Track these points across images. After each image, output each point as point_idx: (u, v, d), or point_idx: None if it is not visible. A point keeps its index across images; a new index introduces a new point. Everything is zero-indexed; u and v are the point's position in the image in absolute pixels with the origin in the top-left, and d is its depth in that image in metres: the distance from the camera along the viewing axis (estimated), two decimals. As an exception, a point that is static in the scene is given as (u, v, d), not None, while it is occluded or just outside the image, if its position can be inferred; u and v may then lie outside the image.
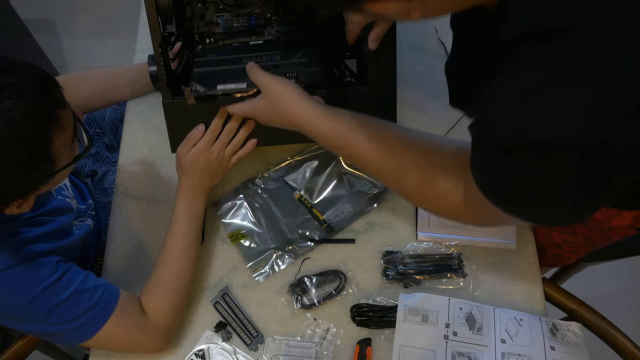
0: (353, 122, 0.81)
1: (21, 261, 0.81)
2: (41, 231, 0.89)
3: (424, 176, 0.77)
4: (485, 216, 0.72)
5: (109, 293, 0.88)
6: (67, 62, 2.36)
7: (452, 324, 0.94)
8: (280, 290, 1.01)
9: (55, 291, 0.83)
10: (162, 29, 0.92)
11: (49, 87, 0.76)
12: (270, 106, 0.86)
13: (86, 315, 0.85)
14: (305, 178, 1.11)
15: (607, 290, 1.87)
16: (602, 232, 0.95)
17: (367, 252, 1.04)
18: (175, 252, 0.95)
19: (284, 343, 0.95)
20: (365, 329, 0.97)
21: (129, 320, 0.89)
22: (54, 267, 0.84)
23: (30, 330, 0.86)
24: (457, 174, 0.74)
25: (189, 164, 0.95)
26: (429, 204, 0.80)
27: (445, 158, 0.77)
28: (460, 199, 0.73)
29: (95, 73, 1.21)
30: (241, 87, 0.90)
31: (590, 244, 1.02)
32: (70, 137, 0.81)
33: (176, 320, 0.95)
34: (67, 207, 1.00)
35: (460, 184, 0.73)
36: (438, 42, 1.28)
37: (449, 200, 0.75)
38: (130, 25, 1.42)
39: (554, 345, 0.92)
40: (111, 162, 1.30)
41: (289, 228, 1.06)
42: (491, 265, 1.02)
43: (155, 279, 0.94)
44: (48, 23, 2.46)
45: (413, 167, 0.78)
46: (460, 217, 0.77)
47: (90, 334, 0.86)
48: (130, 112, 1.21)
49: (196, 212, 0.98)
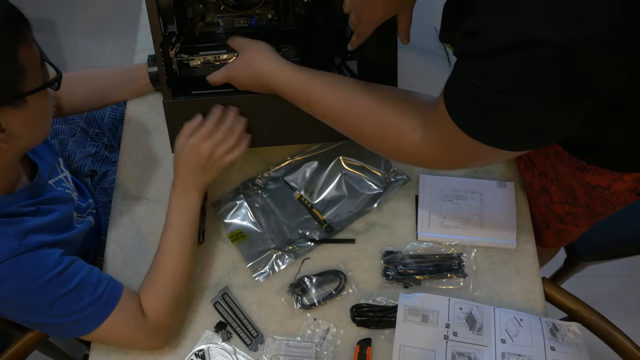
0: (315, 73, 0.88)
1: (26, 249, 0.81)
2: (44, 221, 0.88)
3: (380, 120, 0.82)
4: (444, 152, 0.75)
5: (112, 288, 0.89)
6: (67, 62, 2.36)
7: (452, 324, 0.94)
8: (280, 290, 1.01)
9: (60, 282, 0.83)
10: (163, 29, 0.92)
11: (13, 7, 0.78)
12: (242, 62, 0.92)
13: (89, 308, 0.85)
14: (305, 178, 1.11)
15: (607, 290, 1.87)
16: (604, 200, 0.95)
17: (367, 252, 1.04)
18: (170, 250, 0.94)
19: (284, 343, 0.95)
20: (365, 329, 0.97)
21: (129, 318, 0.89)
22: (59, 258, 0.84)
23: (32, 321, 0.86)
24: (414, 115, 0.77)
25: (184, 157, 0.94)
26: (385, 144, 0.84)
27: (403, 102, 0.81)
28: (418, 137, 0.77)
29: (95, 72, 1.21)
30: (221, 52, 0.96)
31: (592, 213, 1.01)
32: (37, 60, 0.80)
33: (175, 319, 0.95)
34: (68, 197, 1.00)
35: (418, 124, 0.77)
36: (438, 42, 1.28)
37: (406, 138, 0.78)
38: (130, 25, 1.42)
39: (554, 345, 0.92)
40: (111, 162, 1.30)
41: (289, 228, 1.06)
42: (491, 265, 1.02)
43: (152, 278, 0.94)
44: (48, 23, 2.46)
45: (371, 112, 0.82)
46: (415, 154, 0.80)
47: (91, 327, 0.86)
48: (130, 112, 1.21)
49: (189, 210, 0.96)
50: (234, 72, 0.93)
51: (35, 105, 0.80)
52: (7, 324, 1.10)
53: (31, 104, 0.79)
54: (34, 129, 0.84)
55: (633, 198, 0.94)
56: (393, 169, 1.11)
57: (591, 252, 1.27)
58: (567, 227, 1.10)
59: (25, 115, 0.79)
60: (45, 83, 0.82)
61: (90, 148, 1.29)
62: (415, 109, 0.79)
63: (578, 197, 0.98)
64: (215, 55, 0.95)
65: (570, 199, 1.00)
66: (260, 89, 0.92)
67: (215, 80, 0.94)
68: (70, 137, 1.29)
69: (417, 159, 0.83)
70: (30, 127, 0.82)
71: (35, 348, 1.04)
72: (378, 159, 1.12)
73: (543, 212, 1.08)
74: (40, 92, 0.81)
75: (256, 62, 0.90)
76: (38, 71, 0.81)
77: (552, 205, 1.05)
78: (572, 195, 0.99)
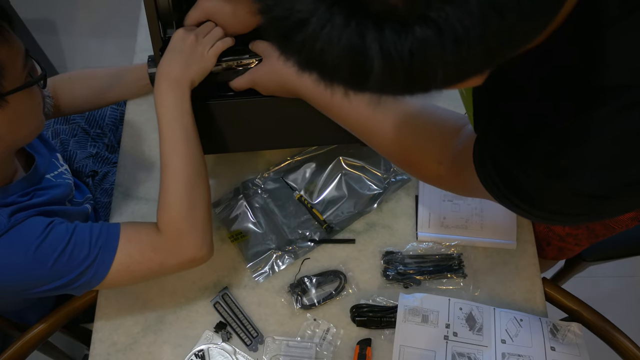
0: None
1: (14, 224, 0.80)
2: (35, 201, 0.88)
3: (407, 146, 0.80)
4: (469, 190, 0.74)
5: (107, 228, 0.86)
6: (67, 62, 2.36)
7: (452, 324, 0.94)
8: (280, 290, 1.01)
9: (52, 243, 0.81)
10: (163, 34, 0.92)
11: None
12: (268, 67, 0.89)
13: (92, 253, 0.83)
14: (305, 178, 1.11)
15: (607, 290, 1.87)
16: (605, 225, 0.95)
17: (367, 252, 1.04)
18: (168, 157, 0.87)
19: (284, 343, 0.95)
20: (365, 329, 0.97)
21: (141, 246, 0.86)
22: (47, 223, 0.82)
23: (45, 289, 0.83)
24: (442, 147, 0.76)
25: (168, 46, 0.87)
26: (411, 168, 0.84)
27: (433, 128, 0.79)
28: (444, 170, 0.76)
29: (96, 72, 1.21)
30: (244, 57, 0.92)
31: (593, 235, 1.02)
32: (19, 57, 0.77)
33: (197, 225, 0.87)
34: (65, 184, 0.99)
35: (444, 157, 0.75)
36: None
37: (432, 168, 0.77)
38: (130, 25, 1.42)
39: (554, 345, 0.92)
40: (112, 162, 1.30)
41: (289, 228, 1.06)
42: (491, 266, 1.02)
43: (161, 194, 0.88)
44: (48, 23, 2.46)
45: (398, 136, 0.80)
46: (440, 184, 0.81)
47: (104, 269, 0.84)
48: (130, 112, 1.21)
49: (177, 107, 0.86)
50: (259, 77, 0.91)
51: (18, 104, 0.77)
52: (7, 324, 1.10)
53: (13, 104, 0.76)
54: (19, 129, 0.81)
55: (634, 224, 0.94)
56: (393, 169, 1.11)
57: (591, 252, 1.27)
58: (568, 246, 1.10)
59: (6, 115, 0.76)
60: (26, 82, 0.78)
61: (92, 148, 1.29)
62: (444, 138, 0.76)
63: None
64: (238, 60, 0.93)
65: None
66: (286, 94, 0.91)
67: (239, 85, 0.92)
68: (71, 137, 1.29)
69: (441, 187, 0.82)
70: (13, 127, 0.79)
71: (35, 348, 1.04)
72: (378, 159, 1.12)
73: (544, 231, 1.08)
74: (24, 91, 0.77)
75: (283, 69, 0.86)
76: (20, 69, 0.77)
77: (553, 227, 1.05)
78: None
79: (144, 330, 0.98)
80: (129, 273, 0.86)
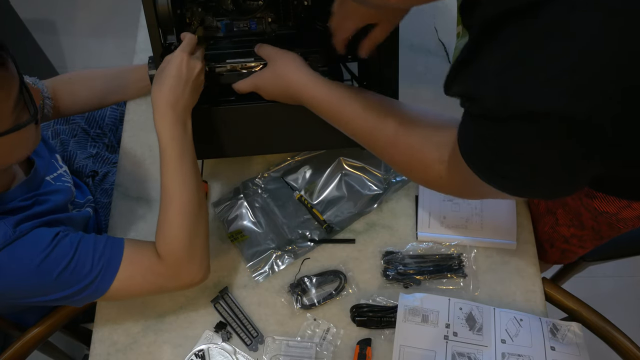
0: (346, 91, 0.86)
1: (19, 235, 0.81)
2: (38, 209, 0.88)
3: (409, 149, 0.81)
4: (466, 186, 0.75)
5: (111, 244, 0.87)
6: (67, 62, 2.36)
7: (452, 324, 0.94)
8: (280, 290, 1.01)
9: (57, 256, 0.82)
10: (163, 40, 0.92)
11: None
12: (272, 73, 0.90)
13: (95, 268, 0.84)
14: (305, 178, 1.11)
15: (607, 290, 1.87)
16: (611, 225, 0.95)
17: (367, 252, 1.04)
18: (170, 185, 0.87)
19: (284, 343, 0.95)
20: (365, 329, 0.97)
21: (142, 269, 0.87)
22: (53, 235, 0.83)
23: (47, 299, 0.84)
24: (441, 145, 0.76)
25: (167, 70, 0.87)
26: (414, 174, 0.84)
27: (430, 130, 0.80)
28: (444, 170, 0.76)
29: (96, 73, 1.21)
30: (249, 60, 0.93)
31: (598, 237, 1.01)
32: (10, 100, 0.75)
33: (196, 252, 0.89)
34: (66, 189, 1.00)
35: (443, 156, 0.76)
36: (438, 42, 1.28)
37: (433, 170, 0.78)
38: (130, 25, 1.42)
39: (554, 345, 0.92)
40: (112, 163, 1.30)
41: (289, 228, 1.06)
42: (491, 265, 1.02)
43: (161, 220, 0.88)
44: (48, 23, 2.46)
45: (400, 141, 0.81)
46: (442, 187, 0.80)
47: (104, 287, 0.85)
48: (130, 112, 1.21)
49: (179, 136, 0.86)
50: (262, 82, 0.91)
51: (6, 142, 0.76)
52: (7, 324, 1.10)
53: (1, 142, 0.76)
54: (10, 156, 0.82)
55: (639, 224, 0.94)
56: (393, 169, 1.11)
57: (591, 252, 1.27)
58: (572, 248, 1.10)
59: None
60: (15, 126, 0.76)
61: (92, 149, 1.29)
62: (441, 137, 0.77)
63: (584, 221, 0.98)
64: (243, 63, 0.94)
65: (577, 222, 1.00)
66: (289, 100, 0.91)
67: (241, 88, 0.93)
68: (71, 137, 1.29)
69: (443, 191, 0.82)
70: (3, 157, 0.80)
71: (35, 348, 1.04)
72: (378, 160, 1.11)
73: (548, 232, 1.07)
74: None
75: (287, 75, 0.88)
76: (8, 111, 0.75)
77: (557, 227, 1.05)
78: (579, 219, 0.98)
79: (144, 330, 0.98)
80: (128, 291, 0.88)
